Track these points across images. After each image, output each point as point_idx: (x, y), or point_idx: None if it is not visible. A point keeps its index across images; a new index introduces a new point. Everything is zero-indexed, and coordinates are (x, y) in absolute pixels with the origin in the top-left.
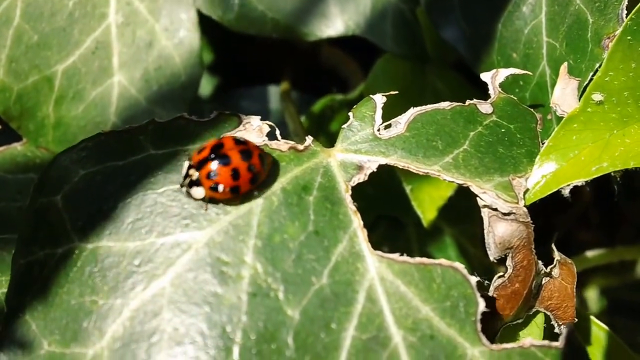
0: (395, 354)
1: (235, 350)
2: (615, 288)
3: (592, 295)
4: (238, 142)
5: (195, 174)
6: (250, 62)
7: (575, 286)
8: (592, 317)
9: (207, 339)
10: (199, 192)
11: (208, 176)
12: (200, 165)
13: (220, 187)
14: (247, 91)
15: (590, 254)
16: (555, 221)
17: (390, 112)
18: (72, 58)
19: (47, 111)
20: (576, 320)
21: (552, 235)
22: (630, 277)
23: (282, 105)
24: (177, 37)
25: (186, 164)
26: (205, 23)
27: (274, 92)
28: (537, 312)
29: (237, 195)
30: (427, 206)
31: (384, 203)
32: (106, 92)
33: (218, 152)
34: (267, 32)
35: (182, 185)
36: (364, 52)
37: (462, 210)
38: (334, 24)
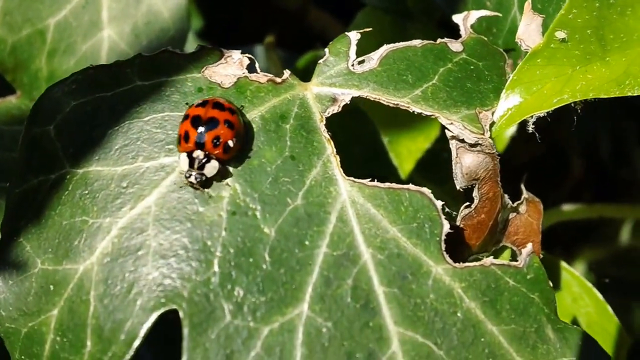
0: (364, 270)
1: (215, 262)
2: (603, 263)
3: (580, 271)
4: (202, 104)
5: (200, 153)
6: (238, 27)
7: (541, 223)
8: (563, 263)
9: (189, 252)
10: (213, 166)
11: (214, 144)
12: (199, 143)
13: (231, 143)
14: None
15: (566, 207)
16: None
17: None
18: (64, 12)
19: (40, 64)
20: (542, 256)
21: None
22: (615, 248)
23: (266, 56)
24: None
25: (183, 156)
26: None
27: (261, 51)
28: (505, 247)
29: (240, 142)
30: (404, 158)
31: (370, 163)
32: (96, 46)
33: (201, 122)
34: None
35: (189, 176)
36: (350, 16)
37: (447, 170)
38: None
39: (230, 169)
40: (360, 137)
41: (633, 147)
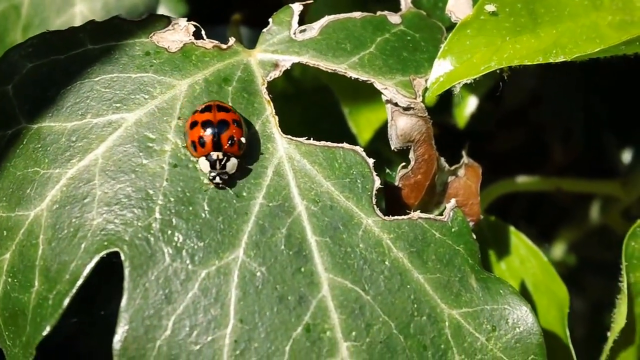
0: (298, 220)
1: (157, 210)
2: (581, 244)
3: (560, 253)
4: (207, 109)
5: (219, 154)
6: (223, 10)
7: (479, 186)
8: (513, 228)
9: (132, 200)
10: (232, 163)
11: (230, 143)
12: (216, 145)
13: (243, 140)
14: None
15: (521, 179)
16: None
17: None
18: None
19: (15, 37)
20: (482, 217)
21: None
22: (589, 227)
23: (228, 32)
24: None
25: (202, 160)
26: None
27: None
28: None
29: (247, 138)
30: (363, 127)
31: (336, 136)
32: (69, 21)
33: (213, 125)
34: None
35: (213, 178)
36: None
37: None
38: None
39: (173, 126)
40: (328, 112)
41: (608, 133)
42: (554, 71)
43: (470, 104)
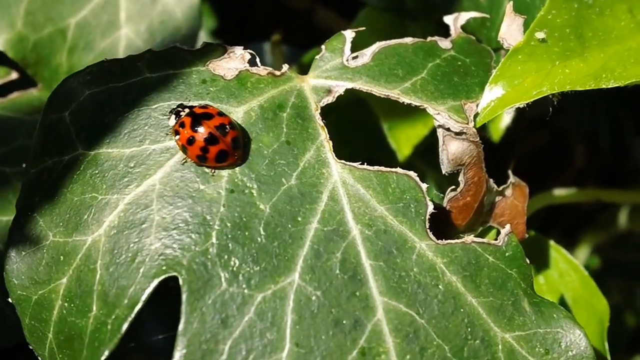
0: (353, 244)
1: (214, 235)
2: (605, 247)
3: (583, 255)
4: (222, 128)
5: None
6: (249, 25)
7: (526, 206)
8: (552, 242)
9: (189, 225)
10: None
11: (176, 133)
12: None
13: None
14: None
15: (558, 191)
16: (550, 184)
17: None
18: (84, 12)
19: (61, 60)
20: (527, 236)
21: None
22: (615, 232)
23: (271, 52)
24: None
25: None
26: None
27: (268, 48)
28: (491, 227)
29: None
30: (402, 143)
31: (371, 149)
32: (114, 44)
33: (198, 121)
34: None
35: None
36: (356, 15)
37: None
38: None
39: None
40: (362, 125)
41: (632, 136)
42: None
43: (506, 117)
